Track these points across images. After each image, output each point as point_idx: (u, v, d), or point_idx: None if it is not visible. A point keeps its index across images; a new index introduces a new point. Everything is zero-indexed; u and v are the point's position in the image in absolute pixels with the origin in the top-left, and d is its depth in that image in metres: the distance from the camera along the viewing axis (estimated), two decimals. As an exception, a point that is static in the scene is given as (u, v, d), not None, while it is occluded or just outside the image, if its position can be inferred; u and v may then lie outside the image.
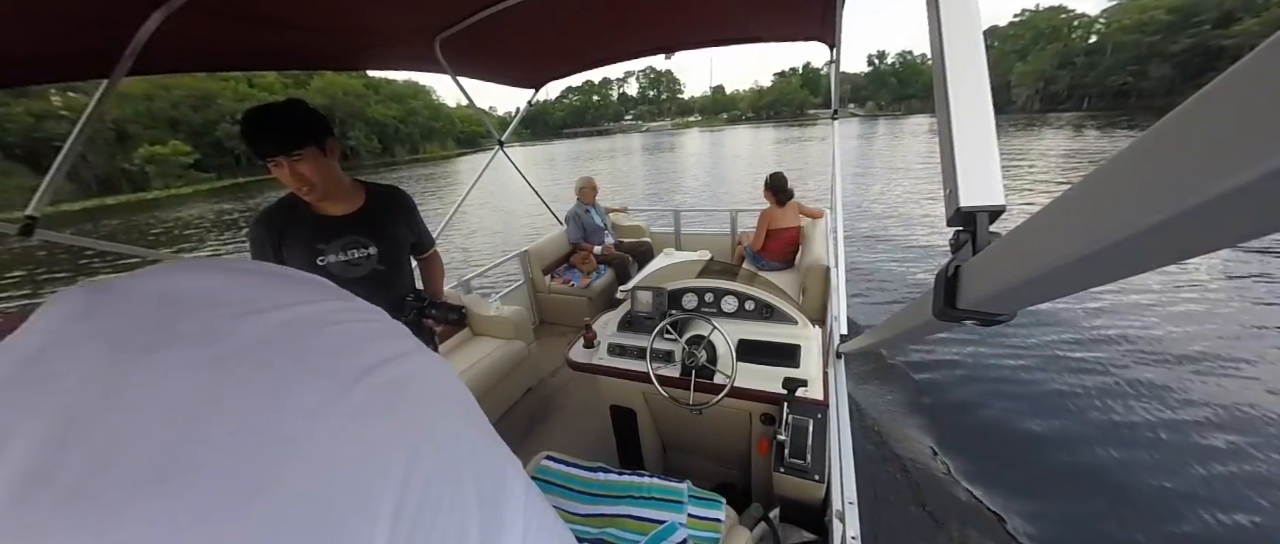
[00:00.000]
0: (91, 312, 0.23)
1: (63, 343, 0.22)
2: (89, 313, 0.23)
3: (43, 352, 0.21)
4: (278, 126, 1.17)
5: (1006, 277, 0.40)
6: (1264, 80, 0.19)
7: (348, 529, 0.22)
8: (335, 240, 1.35)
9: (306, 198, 1.28)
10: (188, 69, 1.76)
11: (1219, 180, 0.20)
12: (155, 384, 0.21)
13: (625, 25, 2.47)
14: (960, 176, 0.53)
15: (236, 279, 0.28)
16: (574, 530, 1.26)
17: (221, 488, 0.20)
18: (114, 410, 0.20)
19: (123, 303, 0.24)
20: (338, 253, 1.35)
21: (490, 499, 0.31)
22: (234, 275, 0.28)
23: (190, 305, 0.25)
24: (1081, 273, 0.33)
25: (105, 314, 0.23)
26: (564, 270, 3.92)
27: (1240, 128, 0.19)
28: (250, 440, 0.21)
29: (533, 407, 2.76)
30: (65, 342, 0.22)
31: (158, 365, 0.22)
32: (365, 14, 1.84)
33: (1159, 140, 0.24)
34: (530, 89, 3.69)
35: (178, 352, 0.23)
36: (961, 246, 0.53)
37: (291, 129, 1.18)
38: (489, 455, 0.34)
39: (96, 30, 1.35)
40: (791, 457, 1.45)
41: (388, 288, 1.47)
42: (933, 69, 0.59)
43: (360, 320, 0.30)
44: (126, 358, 0.22)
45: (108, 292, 0.24)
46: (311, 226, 1.33)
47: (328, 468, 0.23)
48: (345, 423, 0.24)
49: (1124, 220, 0.26)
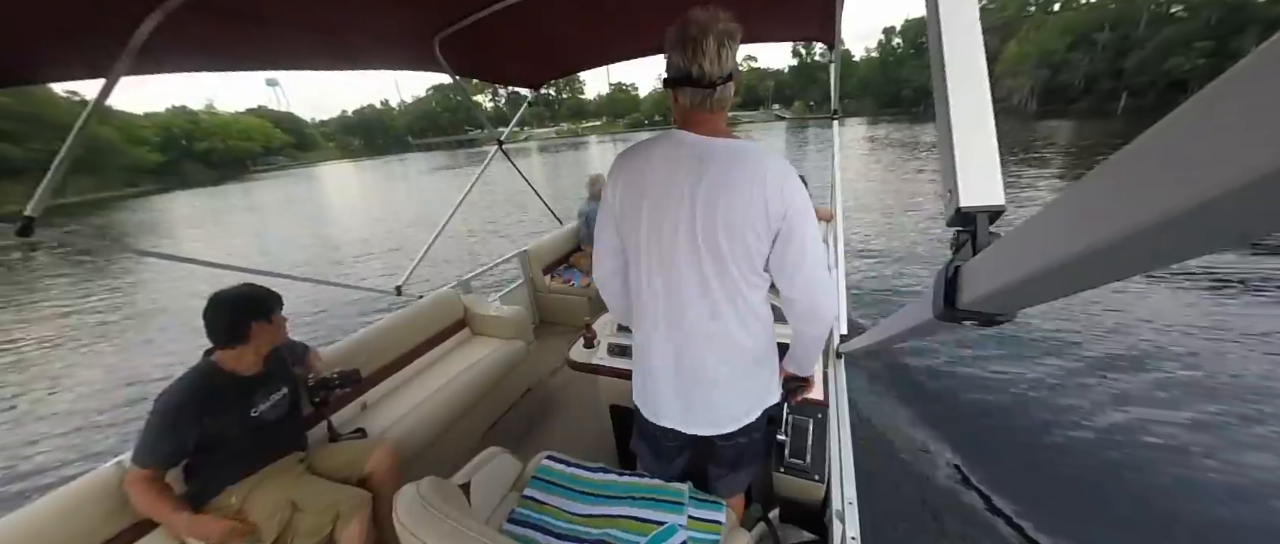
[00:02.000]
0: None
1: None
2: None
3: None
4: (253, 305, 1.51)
5: (1006, 277, 0.40)
6: (1264, 80, 0.19)
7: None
8: (259, 393, 1.59)
9: (249, 369, 1.55)
10: (187, 68, 1.76)
11: (1219, 180, 0.20)
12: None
13: (623, 25, 2.47)
14: (960, 177, 0.53)
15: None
16: (574, 530, 1.26)
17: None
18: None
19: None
20: (264, 402, 1.60)
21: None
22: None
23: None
24: (1082, 273, 0.33)
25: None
26: (564, 270, 3.92)
27: (1240, 128, 0.19)
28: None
29: (532, 407, 2.76)
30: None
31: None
32: (365, 14, 1.84)
33: (1158, 141, 0.24)
34: (530, 89, 3.69)
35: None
36: (961, 247, 0.53)
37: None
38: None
39: (96, 30, 1.35)
40: (791, 457, 1.45)
41: (297, 408, 1.76)
42: (933, 69, 0.59)
43: None
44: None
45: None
46: (240, 391, 1.54)
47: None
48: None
49: (1124, 220, 0.26)
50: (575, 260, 4.00)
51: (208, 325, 1.47)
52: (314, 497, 1.53)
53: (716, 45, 0.88)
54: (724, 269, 0.99)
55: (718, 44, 0.88)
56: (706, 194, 0.95)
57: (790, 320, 1.10)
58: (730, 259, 0.98)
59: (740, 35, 0.92)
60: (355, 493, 1.57)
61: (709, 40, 0.88)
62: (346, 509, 1.50)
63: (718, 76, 0.91)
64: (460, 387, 2.33)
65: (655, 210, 1.01)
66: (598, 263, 1.20)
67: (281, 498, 1.51)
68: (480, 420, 2.46)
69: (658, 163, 1.00)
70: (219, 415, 1.47)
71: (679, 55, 0.91)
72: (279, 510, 1.48)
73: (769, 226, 0.96)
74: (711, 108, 0.96)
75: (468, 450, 1.56)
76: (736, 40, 0.90)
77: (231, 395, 1.51)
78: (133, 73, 1.48)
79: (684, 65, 0.91)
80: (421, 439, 2.06)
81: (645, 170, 1.02)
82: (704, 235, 0.97)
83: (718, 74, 0.90)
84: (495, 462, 1.46)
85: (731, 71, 0.92)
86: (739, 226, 0.95)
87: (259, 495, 1.51)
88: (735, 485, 1.34)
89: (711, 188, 0.95)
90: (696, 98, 0.95)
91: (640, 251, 1.06)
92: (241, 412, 1.53)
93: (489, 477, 1.41)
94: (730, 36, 0.89)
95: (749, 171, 0.95)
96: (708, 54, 0.88)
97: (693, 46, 0.89)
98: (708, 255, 0.99)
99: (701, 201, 0.96)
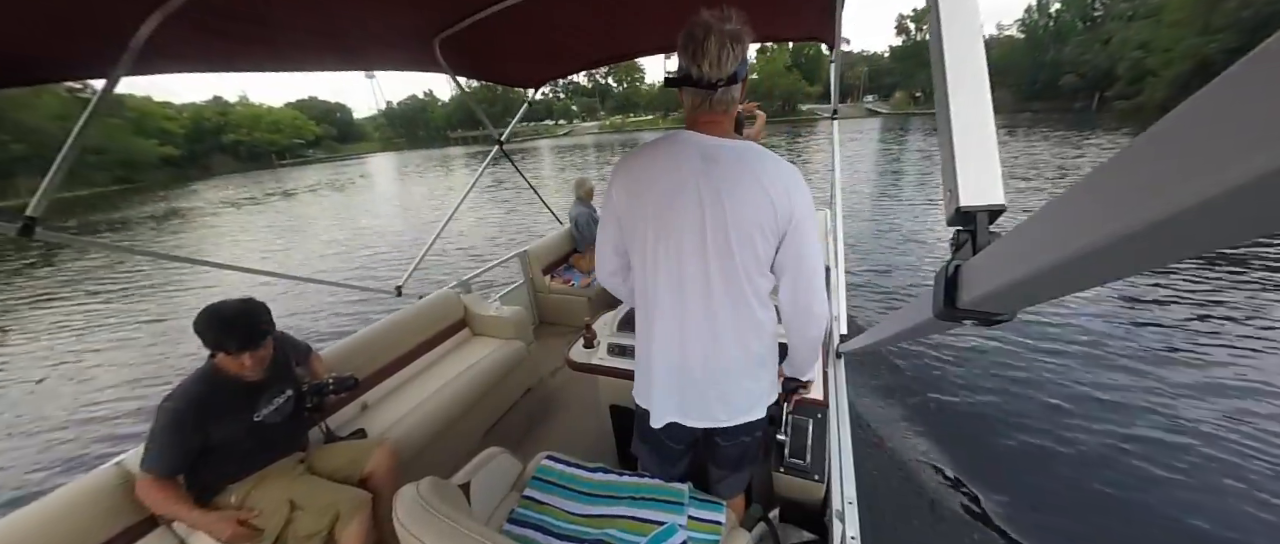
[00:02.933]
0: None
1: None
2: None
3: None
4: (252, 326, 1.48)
5: (1006, 276, 0.40)
6: (1263, 80, 0.19)
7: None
8: (262, 397, 1.59)
9: (251, 376, 1.53)
10: (187, 69, 1.76)
11: (1218, 180, 0.20)
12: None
13: (624, 25, 2.47)
14: (960, 176, 0.53)
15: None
16: (574, 531, 1.26)
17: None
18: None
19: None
20: (267, 406, 1.60)
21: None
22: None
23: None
24: (1082, 272, 0.33)
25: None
26: (564, 270, 3.92)
27: (1240, 128, 0.19)
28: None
29: (532, 407, 2.76)
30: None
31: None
32: (365, 14, 1.84)
33: (1158, 141, 0.24)
34: (530, 89, 3.69)
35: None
36: (961, 246, 0.53)
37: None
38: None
39: (97, 31, 1.34)
40: (791, 457, 1.45)
41: (300, 410, 1.77)
42: (933, 69, 0.59)
43: None
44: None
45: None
46: (243, 395, 1.54)
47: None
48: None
49: (1124, 220, 0.26)
50: (575, 261, 3.99)
51: (197, 332, 1.45)
52: (313, 496, 1.53)
53: (718, 47, 0.88)
54: (731, 268, 1.00)
55: (720, 46, 0.88)
56: (713, 194, 0.96)
57: (784, 321, 1.11)
58: (738, 259, 0.99)
59: (750, 38, 0.92)
60: (355, 493, 1.57)
61: (711, 42, 0.88)
62: (346, 509, 1.50)
63: (718, 78, 0.91)
64: (460, 387, 2.33)
65: (661, 210, 1.01)
66: (600, 263, 1.21)
67: (281, 497, 1.51)
68: (480, 421, 2.46)
69: (663, 162, 1.01)
70: (224, 419, 1.47)
71: (683, 55, 0.92)
72: (279, 509, 1.49)
73: (776, 228, 0.97)
74: (714, 109, 0.97)
75: (468, 451, 1.56)
76: (743, 43, 0.90)
77: (235, 399, 1.52)
78: (133, 73, 1.48)
79: (686, 65, 0.92)
80: (421, 439, 2.06)
81: (651, 170, 1.02)
82: (712, 235, 0.98)
83: (718, 76, 0.91)
84: (495, 462, 1.46)
85: (735, 73, 0.92)
86: (746, 227, 0.96)
87: (259, 494, 1.51)
88: (736, 486, 1.34)
89: (718, 188, 0.95)
90: (697, 98, 0.96)
91: (646, 252, 1.06)
92: (246, 415, 1.54)
93: (489, 477, 1.41)
94: (735, 39, 0.89)
95: (755, 173, 0.95)
96: (709, 55, 0.89)
97: (695, 47, 0.89)
98: (715, 255, 0.99)
99: (708, 202, 0.96)
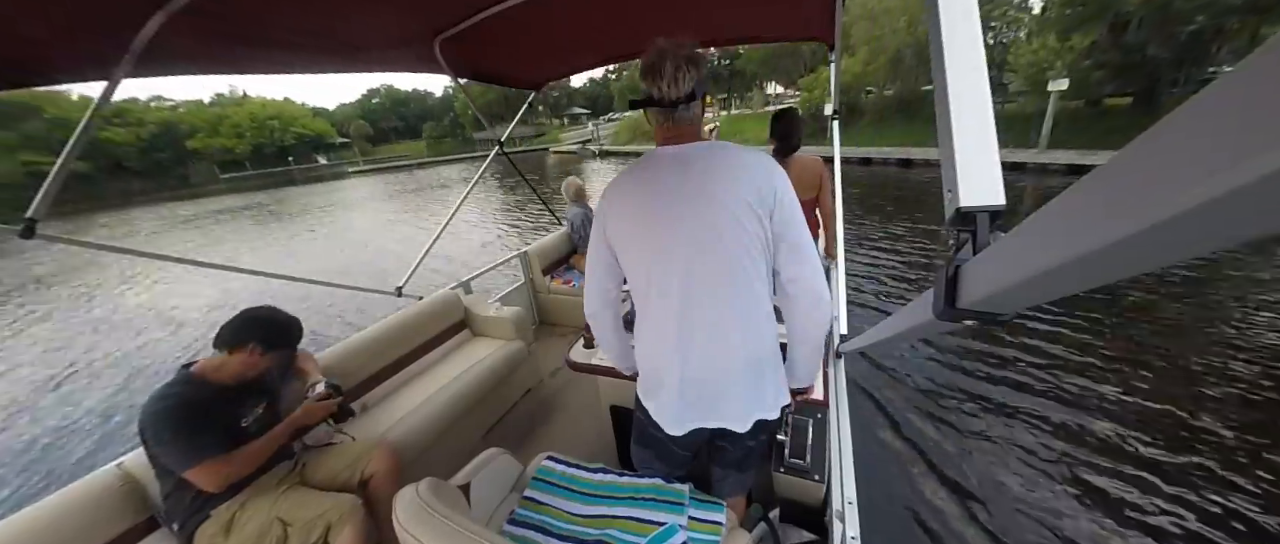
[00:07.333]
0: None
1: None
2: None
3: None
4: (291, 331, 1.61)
5: (1007, 276, 0.40)
6: (1264, 80, 0.19)
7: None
8: (245, 404, 1.58)
9: (250, 375, 1.55)
10: (188, 71, 1.76)
11: (1219, 180, 0.20)
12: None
13: (625, 25, 2.47)
14: (960, 177, 0.53)
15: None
16: (575, 531, 1.26)
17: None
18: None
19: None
20: (249, 415, 1.58)
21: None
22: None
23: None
24: (1082, 272, 0.33)
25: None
26: (564, 271, 3.92)
27: (1240, 128, 0.19)
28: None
29: (533, 407, 2.76)
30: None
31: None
32: (365, 15, 1.84)
33: (1159, 141, 0.24)
34: (531, 90, 3.68)
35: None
36: (962, 247, 0.53)
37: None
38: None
39: (98, 32, 1.34)
40: (791, 457, 1.45)
41: (277, 419, 1.73)
42: (933, 69, 0.59)
43: None
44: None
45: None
46: (223, 402, 1.51)
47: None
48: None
49: (1124, 220, 0.26)
50: (575, 261, 3.99)
51: (233, 329, 1.49)
52: (301, 510, 1.48)
53: (673, 69, 0.96)
54: (728, 254, 1.01)
55: (675, 68, 0.96)
56: (696, 189, 1.01)
57: (788, 310, 1.09)
58: (734, 244, 1.00)
59: (704, 60, 1.00)
60: (343, 500, 1.52)
61: (666, 65, 0.96)
62: (336, 518, 1.46)
63: (676, 97, 0.98)
64: (460, 388, 2.33)
65: (651, 219, 1.03)
66: (589, 297, 1.21)
67: (268, 517, 1.45)
68: (480, 421, 2.46)
69: (643, 177, 1.06)
70: (212, 420, 1.44)
71: (644, 79, 1.00)
72: (268, 531, 1.43)
73: (763, 203, 1.00)
74: (678, 124, 1.04)
75: (468, 452, 1.56)
76: (698, 65, 0.98)
77: (217, 404, 1.48)
78: (134, 75, 1.48)
79: (647, 88, 1.00)
80: (421, 440, 2.06)
81: (634, 193, 1.07)
82: (705, 226, 1.00)
83: (676, 95, 0.98)
84: (495, 463, 1.46)
85: (692, 92, 0.99)
86: (733, 207, 0.99)
87: (244, 517, 1.45)
88: (737, 486, 1.34)
89: (700, 182, 1.01)
90: (661, 117, 1.04)
91: (642, 266, 1.07)
92: (232, 423, 1.51)
93: (489, 478, 1.41)
94: (690, 62, 0.97)
95: (730, 161, 1.02)
96: (665, 77, 0.96)
97: (652, 71, 0.97)
98: (710, 245, 1.00)
99: (692, 196, 1.00)
